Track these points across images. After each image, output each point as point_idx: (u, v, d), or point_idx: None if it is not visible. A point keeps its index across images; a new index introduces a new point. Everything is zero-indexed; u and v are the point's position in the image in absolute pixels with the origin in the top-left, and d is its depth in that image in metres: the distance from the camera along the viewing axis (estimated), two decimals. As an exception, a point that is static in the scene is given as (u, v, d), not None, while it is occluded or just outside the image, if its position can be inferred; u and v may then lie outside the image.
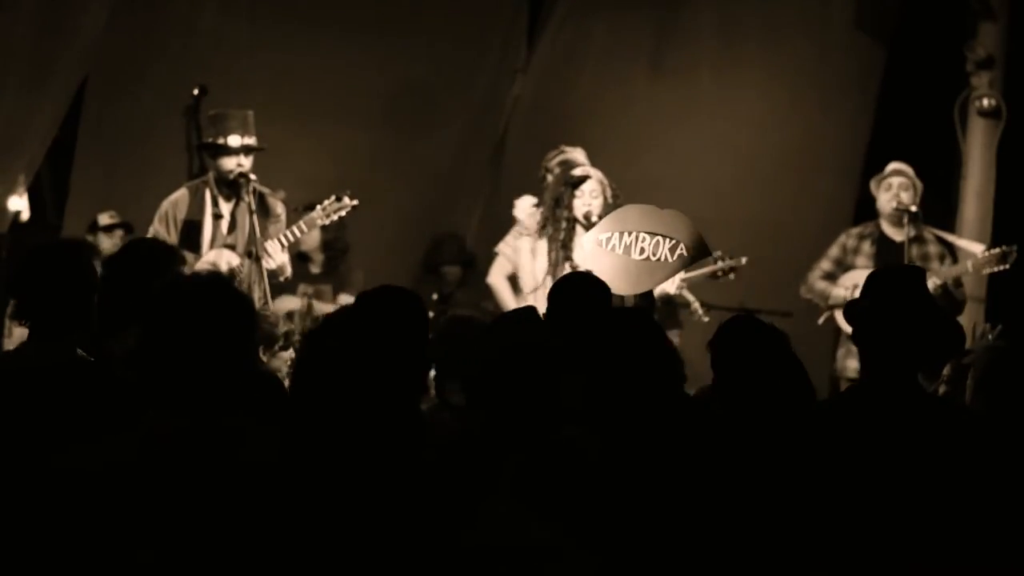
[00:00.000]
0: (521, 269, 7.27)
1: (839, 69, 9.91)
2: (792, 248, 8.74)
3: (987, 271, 7.74)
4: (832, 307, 7.76)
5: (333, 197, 6.89)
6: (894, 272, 4.26)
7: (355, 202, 6.89)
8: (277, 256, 6.77)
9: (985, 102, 9.40)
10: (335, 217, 6.90)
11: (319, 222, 6.90)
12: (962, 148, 9.53)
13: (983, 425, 3.98)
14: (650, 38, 9.97)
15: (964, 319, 7.07)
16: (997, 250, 7.67)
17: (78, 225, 9.04)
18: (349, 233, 8.64)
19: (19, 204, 9.19)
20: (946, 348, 4.63)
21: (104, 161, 9.25)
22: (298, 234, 6.86)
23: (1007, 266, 7.64)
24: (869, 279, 4.03)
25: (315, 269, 8.63)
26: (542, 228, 7.11)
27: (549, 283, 7.15)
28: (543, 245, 7.22)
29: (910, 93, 9.61)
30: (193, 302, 3.03)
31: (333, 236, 8.47)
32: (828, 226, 8.67)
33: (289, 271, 6.92)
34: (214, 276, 3.72)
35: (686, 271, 7.09)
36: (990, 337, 5.59)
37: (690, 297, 7.46)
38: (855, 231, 7.99)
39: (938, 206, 8.68)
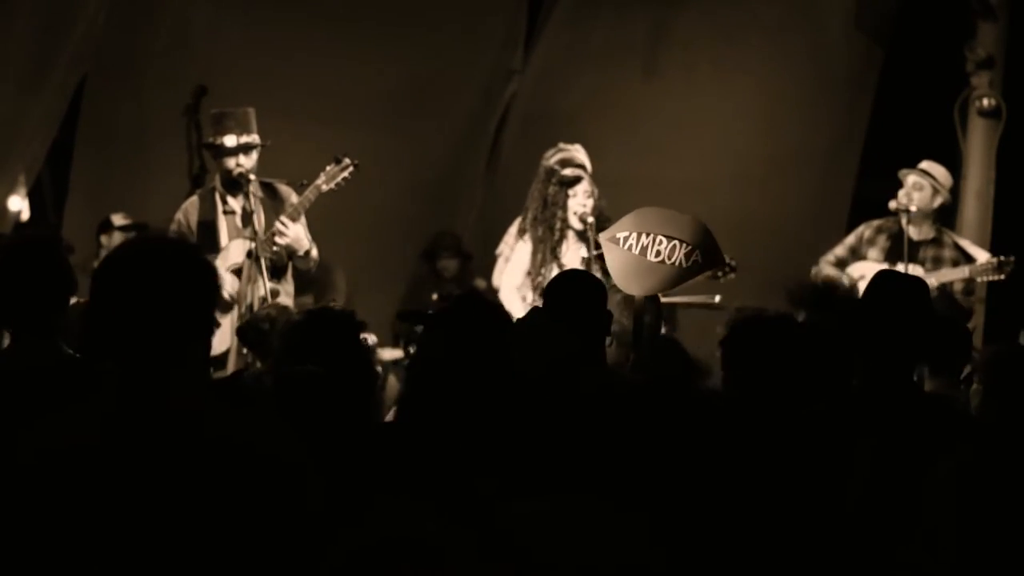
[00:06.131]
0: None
1: (837, 68, 9.89)
2: (788, 247, 8.73)
3: (982, 279, 7.75)
4: None
5: (333, 162, 6.90)
6: (893, 277, 4.25)
7: (356, 162, 6.88)
8: (291, 229, 6.78)
9: (985, 102, 9.39)
10: (340, 180, 6.87)
11: (323, 188, 6.86)
12: (962, 148, 9.52)
13: (982, 427, 3.98)
14: (647, 38, 9.94)
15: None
16: (995, 259, 7.65)
17: (78, 224, 9.04)
18: (343, 233, 8.62)
19: (19, 204, 9.22)
20: (950, 352, 4.63)
21: (103, 161, 9.26)
22: (306, 204, 6.86)
23: (1003, 276, 7.64)
24: (871, 280, 4.02)
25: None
26: (529, 229, 7.00)
27: (529, 284, 7.13)
28: (523, 245, 7.09)
29: (909, 93, 9.59)
30: (142, 266, 2.60)
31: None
32: (825, 225, 8.67)
33: (306, 242, 6.89)
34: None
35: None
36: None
37: None
38: (876, 223, 7.92)
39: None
